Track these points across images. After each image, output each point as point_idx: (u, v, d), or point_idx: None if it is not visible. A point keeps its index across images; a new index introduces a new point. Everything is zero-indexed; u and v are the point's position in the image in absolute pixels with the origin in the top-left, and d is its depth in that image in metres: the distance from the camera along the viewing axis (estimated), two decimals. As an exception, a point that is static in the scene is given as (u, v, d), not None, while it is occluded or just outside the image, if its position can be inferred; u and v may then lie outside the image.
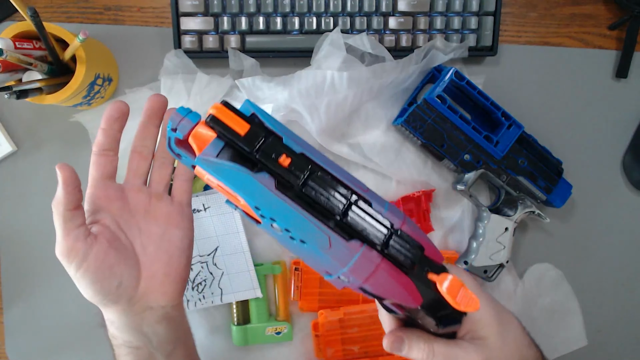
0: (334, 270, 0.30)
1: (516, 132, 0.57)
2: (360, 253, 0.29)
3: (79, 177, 0.60)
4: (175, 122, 0.32)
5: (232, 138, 0.30)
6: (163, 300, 0.40)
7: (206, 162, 0.30)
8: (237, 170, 0.30)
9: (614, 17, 0.62)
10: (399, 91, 0.59)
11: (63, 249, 0.36)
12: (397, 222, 0.30)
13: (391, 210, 0.31)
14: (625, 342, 0.66)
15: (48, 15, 0.59)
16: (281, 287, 0.61)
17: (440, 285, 0.29)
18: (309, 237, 0.29)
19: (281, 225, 0.30)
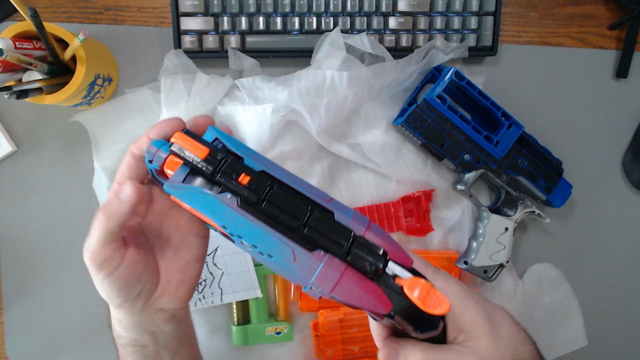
0: (304, 281, 0.30)
1: (516, 132, 0.57)
2: (324, 263, 0.30)
3: (81, 176, 0.60)
4: (151, 154, 0.34)
5: (194, 166, 0.32)
6: (175, 304, 0.40)
7: (172, 187, 0.33)
8: (200, 192, 0.32)
9: (614, 17, 0.62)
10: (399, 91, 0.59)
11: (97, 258, 0.35)
12: (360, 229, 0.31)
13: (354, 218, 0.31)
14: (625, 342, 0.66)
15: (48, 15, 0.59)
16: (281, 287, 0.61)
17: (407, 289, 0.29)
18: (274, 251, 0.30)
19: (248, 241, 0.31)
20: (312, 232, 0.31)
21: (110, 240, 0.35)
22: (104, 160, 0.59)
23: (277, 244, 0.30)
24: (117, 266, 0.36)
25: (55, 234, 0.61)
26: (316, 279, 0.30)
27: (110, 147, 0.59)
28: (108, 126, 0.59)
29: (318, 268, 0.30)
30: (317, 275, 0.30)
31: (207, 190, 0.32)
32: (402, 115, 0.58)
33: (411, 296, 0.29)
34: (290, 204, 0.31)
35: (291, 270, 0.30)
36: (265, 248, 0.30)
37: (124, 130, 0.59)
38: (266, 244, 0.31)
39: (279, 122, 0.57)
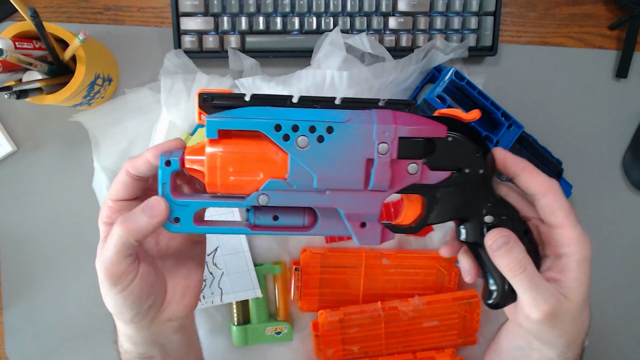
0: (369, 142, 0.33)
1: (516, 132, 0.57)
2: (374, 110, 0.34)
3: (81, 176, 0.60)
4: (167, 154, 0.34)
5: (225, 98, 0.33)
6: (182, 312, 0.40)
7: (217, 117, 0.32)
8: (245, 109, 0.32)
9: (614, 17, 0.62)
10: (399, 91, 0.59)
11: (113, 273, 0.34)
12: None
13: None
14: (625, 342, 0.66)
15: (48, 15, 0.59)
16: (281, 287, 0.61)
17: (441, 110, 0.35)
18: (332, 118, 0.32)
19: (304, 126, 0.32)
20: (348, 101, 0.34)
21: (127, 254, 0.34)
22: (104, 160, 0.59)
23: (331, 112, 0.33)
24: (132, 280, 0.35)
25: (55, 234, 0.61)
26: (378, 121, 0.33)
27: (110, 147, 0.59)
28: (108, 126, 0.59)
29: (373, 114, 0.33)
30: (376, 118, 0.33)
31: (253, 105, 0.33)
32: (402, 115, 0.58)
33: (448, 112, 0.35)
34: (318, 98, 0.34)
35: (353, 129, 0.32)
36: (323, 123, 0.32)
37: (124, 130, 0.59)
38: (322, 116, 0.33)
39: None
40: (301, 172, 0.33)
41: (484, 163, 0.35)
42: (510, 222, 0.36)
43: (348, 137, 0.33)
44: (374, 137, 0.33)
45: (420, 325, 0.60)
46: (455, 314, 0.60)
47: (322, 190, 0.33)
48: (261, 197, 0.33)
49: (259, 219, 0.34)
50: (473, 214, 0.35)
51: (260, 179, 0.33)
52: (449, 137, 0.34)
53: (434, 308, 0.60)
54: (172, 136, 0.58)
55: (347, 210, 0.34)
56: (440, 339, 0.61)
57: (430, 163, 0.35)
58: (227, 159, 0.33)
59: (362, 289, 0.61)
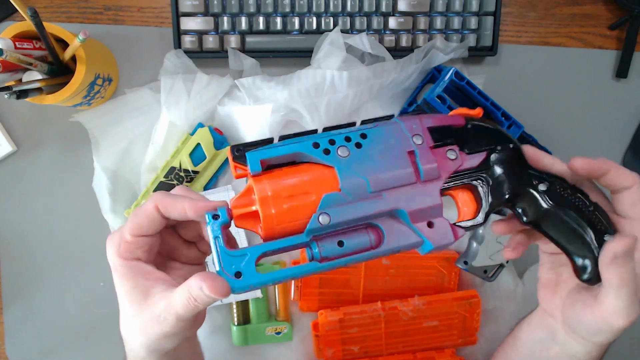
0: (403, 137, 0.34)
1: (516, 132, 0.57)
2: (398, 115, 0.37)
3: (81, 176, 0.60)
4: (212, 211, 0.32)
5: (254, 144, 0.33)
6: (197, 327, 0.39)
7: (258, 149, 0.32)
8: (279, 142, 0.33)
9: (614, 17, 0.62)
10: (399, 91, 0.59)
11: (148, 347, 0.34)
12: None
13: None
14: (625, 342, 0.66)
15: (48, 15, 0.59)
16: (281, 287, 0.61)
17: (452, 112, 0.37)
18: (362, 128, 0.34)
19: (339, 138, 0.33)
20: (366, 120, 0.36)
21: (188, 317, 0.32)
22: (104, 160, 0.59)
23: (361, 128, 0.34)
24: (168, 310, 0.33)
25: (55, 234, 0.61)
26: (402, 120, 0.35)
27: (110, 147, 0.59)
28: (108, 126, 0.59)
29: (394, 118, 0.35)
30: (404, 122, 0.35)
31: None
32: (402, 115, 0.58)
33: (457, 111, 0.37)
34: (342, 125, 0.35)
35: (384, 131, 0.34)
36: (354, 132, 0.34)
37: (124, 130, 0.59)
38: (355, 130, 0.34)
39: (279, 122, 0.57)
40: (352, 179, 0.32)
41: (510, 137, 0.36)
42: (565, 185, 0.35)
43: (382, 137, 0.34)
44: (406, 132, 0.34)
45: (420, 325, 0.60)
46: (455, 314, 0.60)
47: (378, 194, 0.33)
48: (321, 217, 0.31)
49: (324, 249, 0.32)
50: (525, 187, 0.35)
51: (314, 200, 0.32)
52: (468, 125, 0.36)
53: (434, 308, 0.60)
54: (172, 136, 0.58)
55: (409, 208, 0.33)
56: (440, 339, 0.61)
57: (463, 148, 0.36)
58: (277, 186, 0.32)
59: (362, 289, 0.61)
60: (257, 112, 0.56)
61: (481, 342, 0.62)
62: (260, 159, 0.32)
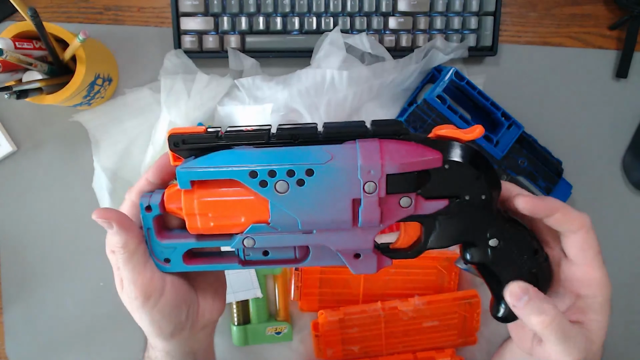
0: (353, 171, 0.30)
1: (516, 132, 0.57)
2: (358, 143, 0.30)
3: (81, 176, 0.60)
4: (146, 199, 0.33)
5: (196, 140, 0.31)
6: (216, 316, 0.39)
7: (187, 168, 0.31)
8: (217, 154, 0.31)
9: (614, 17, 0.62)
10: (399, 91, 0.59)
11: (141, 289, 0.33)
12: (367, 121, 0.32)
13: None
14: (625, 342, 0.66)
15: (48, 15, 0.59)
16: (281, 287, 0.61)
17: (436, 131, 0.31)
18: (311, 159, 0.30)
19: (282, 171, 0.30)
20: (331, 133, 0.31)
21: (143, 264, 0.33)
22: (104, 160, 0.59)
23: (308, 152, 0.30)
24: (162, 290, 0.34)
25: (55, 234, 0.61)
26: (362, 160, 0.30)
27: (110, 147, 0.59)
28: (108, 126, 0.59)
29: (357, 148, 0.30)
30: (360, 155, 0.30)
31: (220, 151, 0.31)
32: (402, 115, 0.58)
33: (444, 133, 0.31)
34: (298, 128, 0.32)
35: (335, 171, 0.30)
36: (303, 165, 0.30)
37: (124, 130, 0.59)
38: (299, 159, 0.30)
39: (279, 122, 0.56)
40: (284, 216, 0.31)
41: (486, 188, 0.32)
42: (517, 244, 0.33)
43: (330, 178, 0.30)
44: (359, 176, 0.30)
45: (420, 325, 0.60)
46: (455, 314, 0.60)
47: (308, 231, 0.32)
48: (246, 241, 0.32)
49: (249, 255, 0.34)
50: (476, 238, 0.33)
51: (243, 222, 0.32)
52: (446, 165, 0.31)
53: (434, 308, 0.60)
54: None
55: (337, 247, 0.33)
56: (440, 339, 0.61)
57: (424, 193, 0.32)
58: (205, 206, 0.31)
59: (362, 289, 0.61)
60: (257, 112, 0.56)
61: (481, 342, 0.62)
62: (189, 180, 0.31)
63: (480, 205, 0.32)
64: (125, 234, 0.32)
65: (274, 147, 0.31)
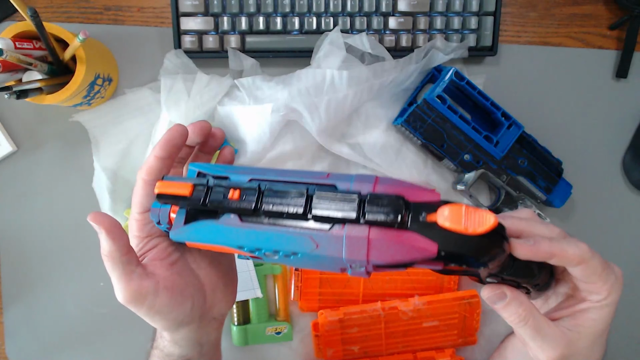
0: (340, 263, 0.29)
1: (516, 132, 0.57)
2: (345, 234, 0.28)
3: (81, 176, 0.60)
4: (156, 215, 0.34)
5: (182, 202, 0.32)
6: (226, 308, 0.40)
7: (177, 234, 0.33)
8: (202, 225, 0.32)
9: (614, 17, 0.62)
10: (399, 91, 0.59)
11: (131, 294, 0.33)
12: (367, 188, 0.29)
13: (358, 180, 0.30)
14: (625, 342, 0.66)
15: (48, 15, 0.59)
16: (281, 287, 0.61)
17: (438, 219, 0.27)
18: (296, 247, 0.30)
19: (267, 250, 0.30)
20: (320, 211, 0.29)
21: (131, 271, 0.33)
22: (104, 160, 0.59)
23: (294, 239, 0.30)
24: (156, 292, 0.34)
25: (55, 234, 0.61)
26: (347, 253, 0.28)
27: (110, 147, 0.59)
28: (108, 126, 0.59)
29: (343, 242, 0.28)
30: (346, 249, 0.28)
31: (208, 220, 0.32)
32: (402, 115, 0.58)
33: (445, 224, 0.26)
34: (286, 197, 0.30)
35: (321, 258, 0.29)
36: (286, 248, 0.30)
37: (124, 130, 0.59)
38: (284, 244, 0.30)
39: (279, 122, 0.57)
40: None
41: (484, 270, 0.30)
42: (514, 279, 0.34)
43: (317, 260, 0.30)
44: (344, 261, 0.29)
45: (420, 325, 0.60)
46: (455, 314, 0.60)
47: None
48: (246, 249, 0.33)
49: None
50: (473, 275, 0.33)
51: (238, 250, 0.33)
52: (441, 253, 0.27)
53: (434, 308, 0.60)
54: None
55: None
56: (440, 339, 0.61)
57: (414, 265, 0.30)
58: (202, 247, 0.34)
59: (362, 289, 0.61)
60: (257, 112, 0.56)
61: (481, 342, 0.62)
62: (181, 241, 0.33)
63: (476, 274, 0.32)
64: (110, 243, 0.32)
65: (260, 225, 0.31)
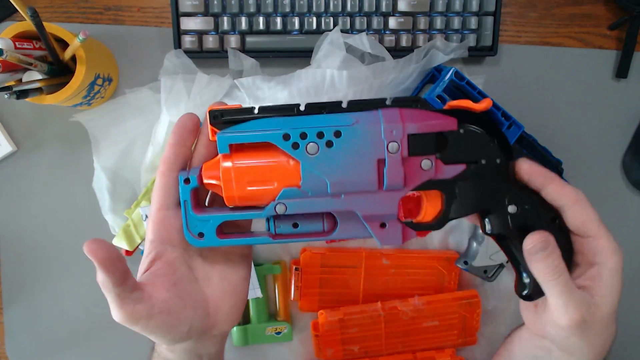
0: (377, 137, 0.33)
1: (516, 132, 0.57)
2: (380, 110, 0.34)
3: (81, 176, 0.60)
4: (185, 173, 0.35)
5: (233, 113, 0.34)
6: (227, 327, 0.39)
7: (226, 133, 0.33)
8: (253, 122, 0.34)
9: (614, 17, 0.62)
10: (399, 91, 0.59)
11: (124, 317, 0.33)
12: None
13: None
14: (625, 342, 0.66)
15: (48, 15, 0.59)
16: (281, 287, 0.61)
17: (453, 102, 0.34)
18: (340, 123, 0.33)
19: (312, 133, 0.33)
20: (355, 105, 0.34)
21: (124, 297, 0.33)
22: (104, 160, 0.59)
23: (336, 117, 0.33)
24: (149, 315, 0.33)
25: (55, 234, 0.61)
26: (384, 121, 0.33)
27: (110, 147, 0.59)
28: (108, 126, 0.59)
29: (379, 114, 0.33)
30: (383, 118, 0.33)
31: (252, 122, 0.34)
32: (402, 115, 0.58)
33: (459, 104, 0.34)
34: (324, 102, 0.34)
35: (360, 132, 0.33)
36: (331, 128, 0.33)
37: (124, 130, 0.59)
38: (330, 122, 0.33)
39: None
40: (314, 179, 0.33)
41: (500, 152, 0.34)
42: (535, 211, 0.35)
43: (357, 139, 0.33)
44: (383, 137, 0.33)
45: (420, 325, 0.60)
46: (455, 314, 0.60)
47: (337, 195, 0.34)
48: (278, 207, 0.34)
49: (280, 227, 0.35)
50: (495, 205, 0.35)
51: (275, 187, 0.34)
52: (461, 130, 0.34)
53: (434, 308, 0.60)
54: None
55: (364, 212, 0.34)
56: (440, 339, 0.61)
57: (443, 157, 0.34)
58: (241, 171, 0.34)
59: (362, 289, 0.61)
60: (257, 112, 0.56)
61: (481, 342, 0.62)
62: (229, 144, 0.33)
63: (496, 169, 0.34)
64: (104, 276, 0.32)
65: (305, 115, 0.34)
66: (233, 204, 0.34)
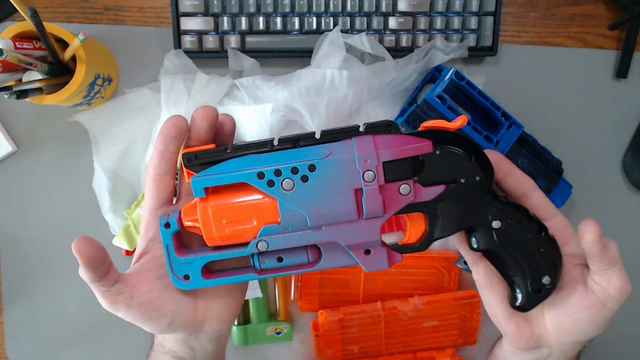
0: (351, 163, 0.33)
1: (516, 132, 0.57)
2: (353, 139, 0.34)
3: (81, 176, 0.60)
4: (165, 217, 0.35)
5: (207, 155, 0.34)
6: (219, 325, 0.40)
7: (200, 176, 0.34)
8: (227, 163, 0.34)
9: (614, 17, 0.62)
10: (399, 91, 0.59)
11: (106, 306, 0.35)
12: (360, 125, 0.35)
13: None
14: (625, 342, 0.66)
15: (48, 15, 0.59)
16: (281, 287, 0.61)
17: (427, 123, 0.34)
18: (314, 157, 0.33)
19: (286, 169, 0.33)
20: (328, 136, 0.34)
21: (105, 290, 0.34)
22: (104, 160, 0.59)
23: (309, 151, 0.33)
24: (129, 306, 0.35)
25: (55, 234, 0.61)
26: (358, 151, 0.33)
27: (110, 147, 0.59)
28: (108, 126, 0.59)
29: (353, 143, 0.33)
30: (356, 147, 0.33)
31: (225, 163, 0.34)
32: (402, 115, 0.58)
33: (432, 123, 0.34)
34: (297, 135, 0.34)
35: (335, 163, 0.33)
36: (305, 162, 0.33)
37: (124, 130, 0.59)
38: (301, 157, 0.33)
39: (279, 122, 0.57)
40: (293, 214, 0.33)
41: (479, 169, 0.34)
42: (520, 224, 0.35)
43: (332, 171, 0.33)
44: (358, 166, 0.33)
45: (420, 325, 0.60)
46: (455, 314, 0.60)
47: (317, 227, 0.34)
48: (260, 244, 0.34)
49: (264, 263, 0.35)
50: (479, 222, 0.35)
51: (255, 225, 0.34)
52: (437, 151, 0.34)
53: (434, 308, 0.60)
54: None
55: (346, 242, 0.34)
56: (440, 339, 0.61)
57: (421, 180, 0.34)
58: (219, 212, 0.34)
59: (362, 289, 0.61)
60: (257, 112, 0.56)
61: (481, 342, 0.62)
62: (204, 187, 0.34)
63: (477, 186, 0.34)
64: (85, 271, 0.34)
65: (279, 150, 0.34)
66: (215, 244, 0.35)
